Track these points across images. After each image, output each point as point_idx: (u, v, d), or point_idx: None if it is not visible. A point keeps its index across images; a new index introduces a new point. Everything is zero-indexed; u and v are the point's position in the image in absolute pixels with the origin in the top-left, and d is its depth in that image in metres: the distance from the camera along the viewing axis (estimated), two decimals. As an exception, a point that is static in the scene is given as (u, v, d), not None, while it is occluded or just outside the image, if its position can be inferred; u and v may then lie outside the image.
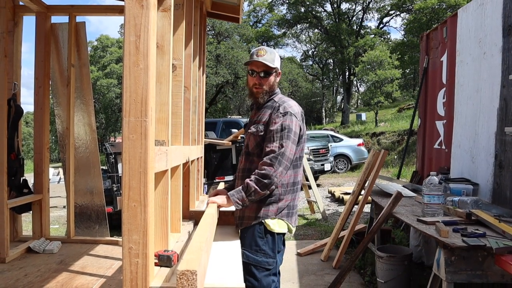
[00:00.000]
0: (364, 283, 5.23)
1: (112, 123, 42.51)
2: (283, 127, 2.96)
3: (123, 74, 1.85)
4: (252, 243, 3.06)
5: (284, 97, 3.21)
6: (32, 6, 4.15)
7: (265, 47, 3.23)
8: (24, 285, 3.12)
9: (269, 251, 3.05)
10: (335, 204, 11.24)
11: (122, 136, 1.85)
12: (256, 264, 3.02)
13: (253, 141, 3.14)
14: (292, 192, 3.12)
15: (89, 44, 44.11)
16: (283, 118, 2.99)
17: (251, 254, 3.03)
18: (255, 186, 2.87)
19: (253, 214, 3.06)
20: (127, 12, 1.82)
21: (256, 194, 2.90)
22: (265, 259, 3.04)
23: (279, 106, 3.07)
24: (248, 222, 3.08)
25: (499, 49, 4.64)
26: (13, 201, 3.98)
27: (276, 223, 3.06)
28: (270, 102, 3.17)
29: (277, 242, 3.10)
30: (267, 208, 3.04)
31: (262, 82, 3.14)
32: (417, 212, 4.23)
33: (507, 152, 4.46)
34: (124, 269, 1.84)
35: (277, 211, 3.05)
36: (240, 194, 2.92)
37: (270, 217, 3.04)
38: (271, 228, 3.04)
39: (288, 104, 3.09)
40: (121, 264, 2.33)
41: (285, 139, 2.94)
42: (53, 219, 9.43)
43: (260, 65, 3.11)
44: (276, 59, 3.16)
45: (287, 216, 3.11)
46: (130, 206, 1.83)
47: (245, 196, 2.91)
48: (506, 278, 3.15)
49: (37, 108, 4.32)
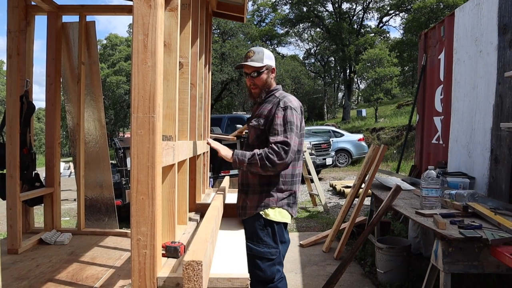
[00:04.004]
0: (365, 273, 5.23)
1: (121, 118, 42.50)
2: (286, 121, 2.99)
3: (132, 71, 1.85)
4: (254, 236, 3.08)
5: (284, 92, 3.25)
6: (43, 5, 4.14)
7: (254, 48, 3.27)
8: (36, 275, 3.13)
9: (270, 241, 3.07)
10: (336, 197, 11.23)
11: (131, 132, 1.85)
12: (259, 255, 3.04)
13: (253, 134, 3.20)
14: (291, 183, 3.14)
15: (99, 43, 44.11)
16: (285, 112, 3.02)
17: (254, 246, 3.05)
18: (259, 161, 2.94)
19: (255, 204, 3.10)
20: (136, 11, 1.82)
21: (255, 168, 2.98)
22: (267, 250, 3.05)
23: (279, 101, 3.11)
24: (250, 212, 3.11)
25: (494, 47, 4.63)
26: (26, 194, 3.98)
27: (277, 213, 3.08)
28: (271, 97, 3.21)
29: (278, 232, 3.10)
30: (268, 198, 3.07)
31: (255, 81, 3.21)
32: (415, 205, 4.22)
33: (502, 146, 4.45)
34: (133, 260, 1.84)
35: (277, 200, 3.08)
36: (243, 157, 3.01)
37: (270, 207, 3.06)
38: (271, 217, 3.06)
39: (288, 99, 3.13)
40: (129, 255, 2.33)
41: (289, 132, 2.97)
42: (64, 211, 9.46)
43: (249, 67, 3.18)
44: (265, 57, 3.19)
45: (288, 206, 3.14)
46: (138, 199, 1.83)
47: (246, 162, 2.99)
48: (502, 268, 3.15)
49: (48, 105, 4.32)
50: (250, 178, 3.16)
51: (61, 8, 4.36)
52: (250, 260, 3.04)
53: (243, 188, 3.24)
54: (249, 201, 3.13)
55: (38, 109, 39.02)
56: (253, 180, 3.14)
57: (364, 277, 5.12)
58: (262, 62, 3.17)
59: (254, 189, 3.13)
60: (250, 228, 3.12)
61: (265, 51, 3.24)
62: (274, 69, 3.28)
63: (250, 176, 3.16)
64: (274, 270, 3.08)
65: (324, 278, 4.79)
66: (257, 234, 3.07)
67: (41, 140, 37.42)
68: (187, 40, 3.03)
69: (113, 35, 46.30)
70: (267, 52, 3.25)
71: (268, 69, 3.23)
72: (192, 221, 3.24)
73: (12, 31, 3.90)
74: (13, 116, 3.79)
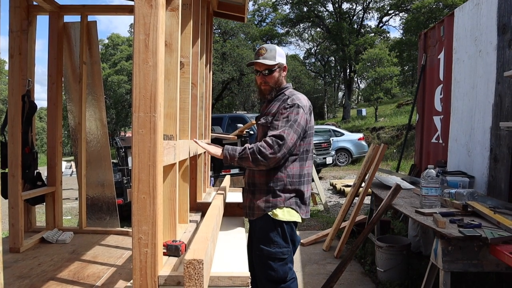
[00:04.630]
0: (365, 271, 5.23)
1: (122, 118, 42.55)
2: (289, 118, 2.96)
3: (133, 71, 1.85)
4: (264, 237, 3.04)
5: (294, 91, 3.20)
6: (45, 5, 4.14)
7: (266, 45, 3.22)
8: (38, 273, 3.13)
9: (281, 241, 3.03)
10: (337, 196, 11.24)
11: (132, 131, 1.85)
12: (271, 256, 3.01)
13: (261, 132, 3.16)
14: (298, 184, 3.08)
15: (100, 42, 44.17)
16: (290, 109, 2.99)
17: (265, 247, 3.02)
18: (250, 155, 2.90)
19: (262, 205, 3.05)
20: (137, 11, 1.82)
21: (246, 162, 2.94)
22: (279, 250, 3.02)
23: (287, 98, 3.07)
24: (258, 213, 3.07)
25: (494, 47, 4.63)
26: (27, 193, 3.98)
27: (285, 212, 3.03)
28: (281, 95, 3.16)
29: (287, 231, 3.06)
30: (275, 198, 3.03)
31: (267, 79, 3.16)
32: (415, 203, 4.22)
33: (501, 146, 4.45)
34: (134, 259, 1.84)
35: (285, 200, 3.03)
36: (234, 152, 2.97)
37: (278, 207, 3.02)
38: (280, 217, 3.01)
39: (297, 97, 3.09)
40: (131, 254, 2.33)
41: (288, 128, 2.92)
42: (66, 210, 9.46)
43: (261, 65, 3.14)
44: (277, 54, 3.16)
45: (296, 205, 3.08)
46: (139, 198, 1.83)
47: (237, 157, 2.95)
48: (501, 267, 3.15)
49: (50, 104, 4.32)
50: (256, 178, 3.12)
51: (63, 8, 4.36)
52: (262, 260, 3.04)
53: (249, 188, 3.19)
54: (256, 202, 3.09)
55: (40, 109, 39.03)
56: (259, 180, 3.10)
57: (364, 275, 5.12)
58: (274, 60, 3.14)
59: (261, 189, 3.08)
60: (259, 230, 3.09)
61: (277, 49, 3.20)
62: (285, 67, 3.25)
63: (256, 176, 3.12)
64: (286, 269, 3.05)
65: (325, 277, 4.80)
66: (267, 235, 3.04)
67: (43, 139, 37.37)
68: (188, 40, 3.02)
69: (114, 35, 46.39)
70: (279, 49, 3.22)
71: (280, 68, 3.19)
72: (193, 220, 3.24)
73: (14, 31, 3.90)
74: (15, 116, 3.78)
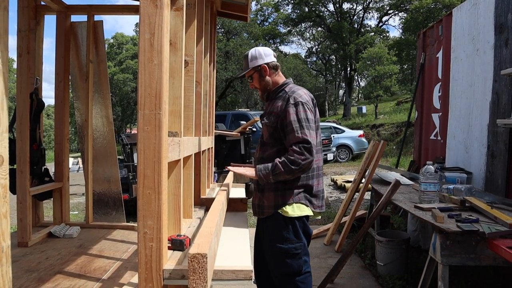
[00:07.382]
0: (365, 265, 5.23)
1: (128, 115, 42.59)
2: (300, 118, 2.89)
3: (139, 69, 1.85)
4: (276, 235, 3.00)
5: (295, 86, 3.13)
6: (53, 5, 4.15)
7: (246, 53, 3.23)
8: (45, 267, 3.14)
9: (294, 237, 2.98)
10: (338, 192, 11.22)
11: (138, 128, 1.85)
12: (284, 252, 2.97)
13: (266, 132, 3.09)
14: (306, 179, 3.02)
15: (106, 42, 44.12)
16: (296, 108, 2.91)
17: (278, 244, 2.98)
18: (282, 168, 2.84)
19: (272, 203, 3.01)
20: (142, 11, 1.82)
21: (282, 176, 2.88)
22: (291, 246, 2.97)
23: (289, 97, 2.99)
24: (268, 212, 3.03)
25: (491, 46, 4.62)
26: (35, 188, 4.00)
27: (295, 208, 2.98)
28: (281, 93, 3.09)
29: (299, 226, 3.00)
30: (284, 195, 2.98)
31: (255, 84, 3.22)
32: (414, 199, 4.22)
33: (498, 142, 4.44)
34: (140, 253, 1.85)
35: (294, 196, 2.98)
36: (267, 171, 2.91)
37: (287, 203, 2.97)
38: (290, 214, 2.96)
39: (298, 93, 3.01)
40: (136, 248, 2.33)
41: (306, 129, 2.86)
42: (73, 205, 9.48)
43: (245, 75, 3.23)
44: (250, 60, 3.16)
45: (306, 199, 3.02)
46: (145, 193, 1.84)
47: (271, 174, 2.90)
48: (498, 261, 3.14)
49: (57, 102, 4.33)
50: None
51: (70, 8, 4.36)
52: (276, 256, 3.01)
53: (259, 187, 3.13)
54: (265, 200, 3.04)
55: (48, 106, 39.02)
56: None
57: (364, 269, 5.12)
58: (248, 67, 3.15)
59: (269, 187, 3.02)
60: (271, 229, 3.05)
61: (251, 53, 3.17)
62: (265, 66, 3.13)
63: None
64: (301, 262, 3.01)
65: (326, 270, 4.80)
66: (279, 233, 2.99)
67: (50, 136, 37.42)
68: (192, 39, 3.02)
69: (119, 34, 46.38)
70: (253, 52, 3.16)
71: (257, 70, 3.14)
72: (197, 215, 3.24)
73: (22, 30, 3.91)
74: (23, 113, 3.79)
